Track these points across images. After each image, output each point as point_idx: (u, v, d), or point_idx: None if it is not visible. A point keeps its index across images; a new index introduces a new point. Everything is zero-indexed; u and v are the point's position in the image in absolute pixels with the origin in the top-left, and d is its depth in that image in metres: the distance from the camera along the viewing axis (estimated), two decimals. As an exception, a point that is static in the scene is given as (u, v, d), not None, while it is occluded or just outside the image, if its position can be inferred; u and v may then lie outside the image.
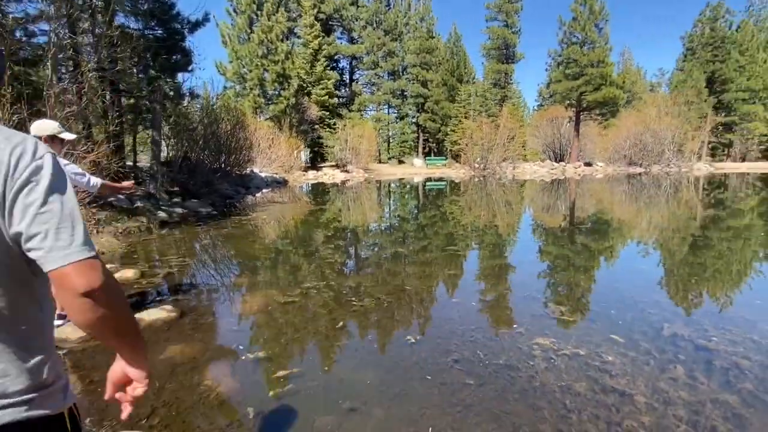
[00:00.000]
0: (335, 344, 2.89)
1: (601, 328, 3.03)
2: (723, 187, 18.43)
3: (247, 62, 26.50)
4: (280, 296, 3.82)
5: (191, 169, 11.94)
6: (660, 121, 32.05)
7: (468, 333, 2.97)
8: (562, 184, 21.10)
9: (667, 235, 7.39)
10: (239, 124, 14.48)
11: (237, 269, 4.88)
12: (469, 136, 30.59)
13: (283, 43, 27.26)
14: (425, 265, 5.07)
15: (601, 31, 31.86)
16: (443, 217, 9.94)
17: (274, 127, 25.18)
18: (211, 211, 10.18)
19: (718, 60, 37.52)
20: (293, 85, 27.93)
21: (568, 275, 4.65)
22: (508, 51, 40.61)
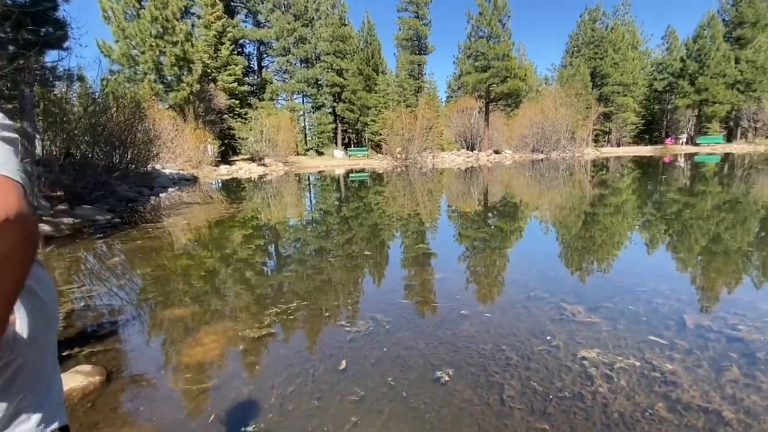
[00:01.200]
0: (368, 408, 2.19)
1: (632, 328, 2.77)
2: (607, 168, 20.92)
3: (138, 42, 22.95)
4: (246, 329, 2.96)
5: (78, 169, 9.77)
6: (556, 111, 35.36)
7: (500, 354, 2.49)
8: (480, 171, 22.09)
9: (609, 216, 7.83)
10: (138, 114, 12.29)
11: (170, 295, 3.81)
12: (390, 127, 30.57)
13: (181, 23, 24.14)
14: (400, 270, 4.51)
15: (504, 26, 33.92)
16: (386, 209, 9.46)
17: (177, 117, 22.30)
18: (111, 218, 8.39)
19: (598, 57, 42.57)
20: (196, 70, 25.00)
21: (554, 264, 4.46)
22: (420, 42, 41.38)
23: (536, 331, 2.77)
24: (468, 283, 3.89)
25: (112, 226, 7.62)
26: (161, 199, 12.44)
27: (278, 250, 5.73)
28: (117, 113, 11.26)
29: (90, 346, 2.76)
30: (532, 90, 47.03)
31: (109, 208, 9.39)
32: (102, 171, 10.39)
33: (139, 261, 5.09)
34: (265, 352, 2.64)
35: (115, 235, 6.77)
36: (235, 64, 32.61)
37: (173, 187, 16.38)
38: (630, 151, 40.58)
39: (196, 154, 23.31)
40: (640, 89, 45.86)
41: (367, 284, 4.03)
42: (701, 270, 4.10)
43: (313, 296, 3.71)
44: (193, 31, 26.70)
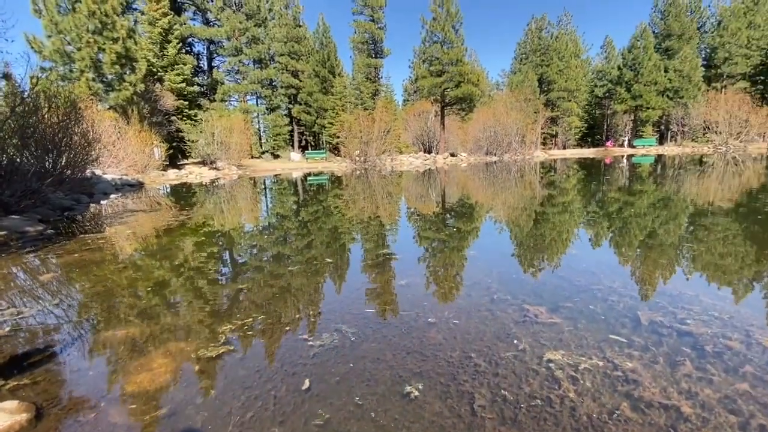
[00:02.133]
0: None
1: (592, 327, 2.85)
2: (555, 169, 22.08)
3: (73, 38, 21.25)
4: (200, 348, 2.73)
5: (4, 175, 8.82)
6: (507, 115, 36.82)
7: (468, 361, 2.46)
8: (437, 173, 22.49)
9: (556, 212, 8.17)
10: (73, 115, 11.34)
11: (113, 313, 3.47)
12: (348, 129, 30.43)
13: (122, 18, 22.65)
14: (363, 276, 4.41)
15: (457, 32, 34.88)
16: (347, 213, 9.34)
17: (119, 118, 20.86)
18: (43, 230, 7.62)
19: (545, 64, 44.87)
20: (140, 68, 23.56)
21: (512, 265, 4.55)
22: (376, 46, 41.62)
23: (502, 335, 2.77)
24: (432, 288, 3.87)
25: (45, 238, 6.92)
26: (102, 207, 11.53)
27: (233, 258, 5.44)
28: (49, 114, 10.31)
29: (16, 378, 2.43)
30: (485, 95, 48.72)
31: (41, 218, 8.55)
32: (32, 177, 9.46)
33: (77, 276, 4.63)
34: (221, 374, 2.45)
35: (49, 247, 6.15)
36: (183, 64, 31.14)
37: (116, 194, 15.28)
38: (575, 153, 43.06)
39: (141, 158, 21.94)
40: (583, 95, 48.88)
41: (329, 293, 3.90)
42: (649, 266, 4.34)
43: (272, 308, 3.52)
44: (136, 28, 25.14)
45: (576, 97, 46.32)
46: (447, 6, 34.53)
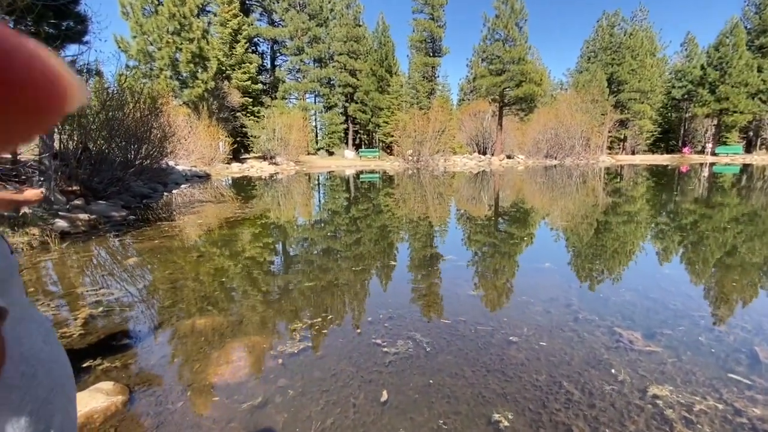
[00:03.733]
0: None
1: (700, 361, 2.51)
2: (623, 176, 20.49)
3: (155, 38, 23.05)
4: (274, 344, 2.75)
5: (94, 164, 9.69)
6: (571, 117, 34.89)
7: (557, 387, 2.25)
8: (492, 175, 21.78)
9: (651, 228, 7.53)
10: (154, 110, 12.22)
11: (192, 302, 3.62)
12: (402, 128, 30.36)
13: (198, 20, 24.19)
14: (433, 284, 4.28)
15: (521, 29, 33.55)
16: (400, 213, 9.25)
17: (191, 113, 22.32)
18: (126, 215, 8.28)
19: (615, 63, 41.96)
20: (212, 67, 25.05)
21: (594, 281, 4.20)
22: (435, 44, 41.16)
23: (593, 361, 2.52)
24: (505, 301, 3.65)
25: (128, 224, 7.50)
26: (174, 196, 12.36)
27: (299, 255, 5.54)
28: (134, 109, 11.18)
29: (109, 359, 2.58)
30: (547, 95, 46.52)
31: (123, 204, 9.30)
32: (118, 166, 10.32)
33: (157, 262, 4.93)
34: (298, 373, 2.43)
35: (131, 233, 6.64)
36: (250, 62, 32.67)
37: (186, 184, 16.34)
38: (646, 159, 39.93)
39: (208, 152, 23.33)
40: (658, 96, 45.14)
41: (396, 296, 3.81)
42: (762, 294, 3.81)
43: (341, 307, 3.51)
44: (209, 29, 26.78)
45: (649, 98, 42.83)
46: (512, 2, 33.32)
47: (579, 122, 34.14)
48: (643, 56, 40.90)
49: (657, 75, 44.47)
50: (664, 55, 50.42)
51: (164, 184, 14.21)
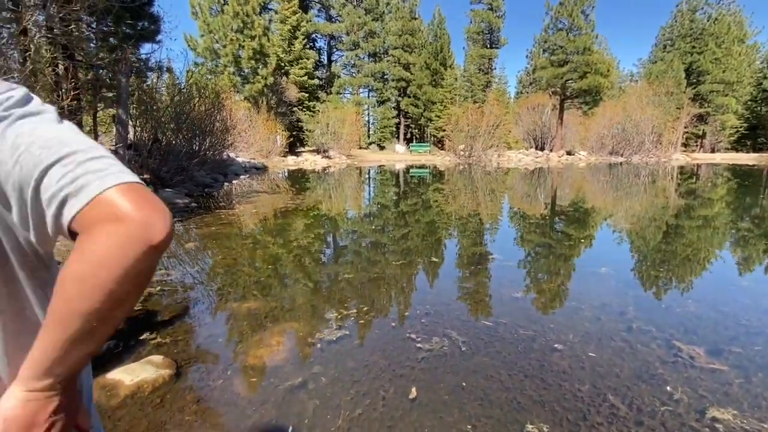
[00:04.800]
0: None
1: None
2: (699, 176, 18.56)
3: (220, 36, 24.44)
4: (311, 332, 2.82)
5: (163, 154, 10.50)
6: (641, 111, 32.26)
7: (601, 400, 2.09)
8: (549, 172, 20.71)
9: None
10: (217, 104, 12.96)
11: (239, 287, 3.82)
12: (455, 122, 29.78)
13: (260, 17, 25.27)
14: (474, 282, 4.17)
15: (587, 17, 31.46)
16: (453, 210, 9.07)
17: (250, 108, 23.45)
18: (189, 202, 8.90)
19: (696, 51, 38.08)
20: (271, 63, 26.11)
21: (652, 289, 3.87)
22: (493, 36, 39.81)
23: (645, 375, 2.32)
24: (550, 304, 3.46)
25: (189, 210, 8.05)
26: (233, 186, 13.09)
27: (344, 247, 5.63)
28: (199, 103, 11.93)
29: (161, 335, 2.78)
30: (614, 87, 43.31)
31: (187, 192, 10.00)
32: (183, 157, 11.10)
33: (213, 248, 5.25)
34: (331, 362, 2.47)
35: (192, 219, 7.12)
36: (307, 58, 33.60)
37: (244, 175, 17.24)
38: (728, 158, 36.03)
39: (266, 145, 24.41)
40: (746, 89, 40.39)
41: (434, 293, 3.75)
42: None
43: (378, 300, 3.52)
44: (270, 26, 27.89)
45: (735, 90, 38.36)
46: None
47: (650, 116, 31.46)
48: (729, 43, 36.67)
49: (746, 64, 39.72)
50: (756, 42, 44.85)
51: (224, 174, 15.09)
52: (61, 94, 7.46)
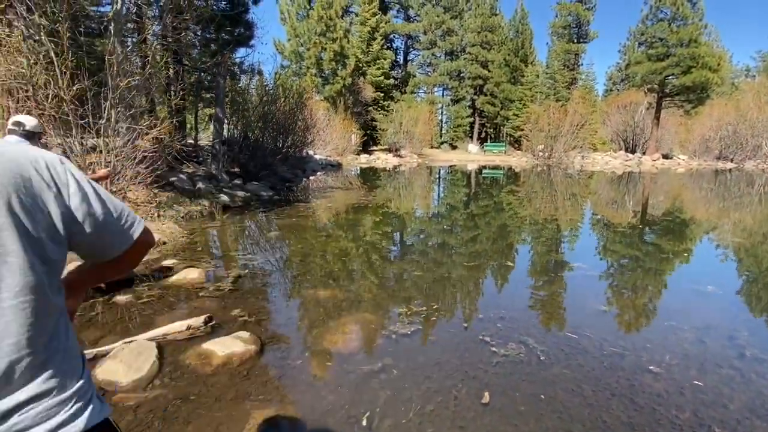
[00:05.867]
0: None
1: None
2: None
3: (305, 40, 25.83)
4: (384, 324, 2.87)
5: (252, 150, 11.37)
6: (759, 110, 27.93)
7: (704, 430, 1.86)
8: (641, 177, 18.76)
9: None
10: (301, 103, 13.71)
11: (316, 275, 4.01)
12: (534, 121, 28.26)
13: (341, 20, 26.25)
14: (555, 291, 3.94)
15: (694, 5, 27.93)
16: (532, 214, 8.64)
17: (329, 108, 24.46)
18: (272, 195, 9.54)
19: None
20: (350, 64, 26.98)
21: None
22: (581, 29, 37.09)
23: (761, 410, 2.01)
24: (647, 324, 3.15)
25: (272, 202, 8.64)
26: (311, 182, 13.78)
27: (414, 245, 5.65)
28: (284, 103, 12.70)
29: (248, 313, 3.02)
30: (725, 83, 37.97)
31: (271, 186, 10.72)
32: (269, 153, 11.92)
33: (293, 237, 5.58)
34: (403, 355, 2.49)
35: (275, 210, 7.63)
36: (384, 59, 34.16)
37: (321, 171, 18.04)
38: None
39: (341, 143, 25.29)
40: None
41: (513, 300, 3.61)
42: None
43: (453, 299, 3.48)
44: (350, 28, 28.84)
45: None
46: (685, -27, 27.82)
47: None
48: None
49: None
50: None
51: (303, 170, 15.93)
52: (170, 94, 8.44)
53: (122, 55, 5.67)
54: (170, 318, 2.88)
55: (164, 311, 3.03)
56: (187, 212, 6.61)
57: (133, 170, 5.79)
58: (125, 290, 3.36)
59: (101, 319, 2.88)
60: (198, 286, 3.53)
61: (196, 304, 3.15)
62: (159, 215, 6.17)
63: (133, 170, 5.79)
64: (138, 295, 3.29)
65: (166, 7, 7.36)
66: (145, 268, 3.94)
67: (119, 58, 5.62)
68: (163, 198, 6.92)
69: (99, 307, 3.04)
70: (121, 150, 5.59)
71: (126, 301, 3.16)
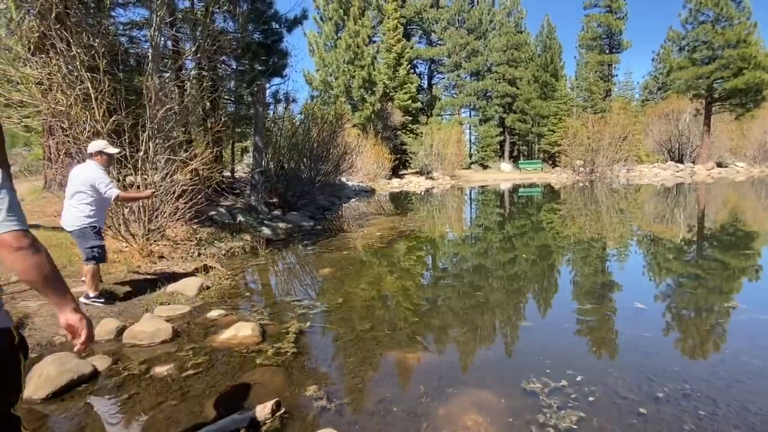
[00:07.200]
0: None
1: None
2: None
3: (333, 69, 26.03)
4: (528, 406, 2.01)
5: (288, 180, 10.92)
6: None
7: None
8: (697, 189, 17.11)
9: None
10: (339, 127, 13.32)
11: (395, 327, 3.21)
12: (572, 136, 26.99)
13: (368, 47, 26.40)
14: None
15: (739, 4, 26.43)
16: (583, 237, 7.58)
17: (360, 134, 24.24)
18: (313, 225, 8.93)
19: None
20: (378, 90, 26.89)
21: None
22: (612, 39, 35.99)
23: None
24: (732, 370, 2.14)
25: (315, 233, 8.00)
26: (348, 209, 13.19)
27: (503, 282, 4.78)
28: (321, 129, 12.29)
29: (325, 395, 2.23)
30: None
31: (310, 216, 10.16)
32: (306, 182, 11.43)
33: (347, 276, 4.82)
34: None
35: (319, 242, 6.95)
36: (411, 83, 34.08)
37: (354, 198, 17.52)
38: None
39: (373, 168, 24.87)
40: None
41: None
42: None
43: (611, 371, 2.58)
44: (376, 56, 28.98)
45: None
46: (724, -27, 26.49)
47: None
48: None
49: None
50: None
51: (338, 197, 15.42)
52: (207, 125, 8.11)
53: (160, 83, 5.28)
54: (223, 401, 2.14)
55: (215, 388, 2.29)
56: (229, 249, 6.02)
57: (172, 206, 5.28)
58: (165, 357, 2.67)
59: (135, 403, 2.17)
60: (253, 347, 2.79)
61: (255, 377, 2.40)
62: (199, 254, 5.60)
63: (172, 206, 5.28)
64: (181, 364, 2.58)
65: (203, 35, 7.07)
66: (186, 323, 3.27)
67: (156, 87, 5.22)
68: (203, 234, 6.39)
69: (133, 385, 2.34)
70: (159, 185, 5.10)
71: (166, 374, 2.46)
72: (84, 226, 3.47)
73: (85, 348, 1.17)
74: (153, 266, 4.85)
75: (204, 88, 7.40)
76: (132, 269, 4.63)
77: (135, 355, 2.75)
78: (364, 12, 26.83)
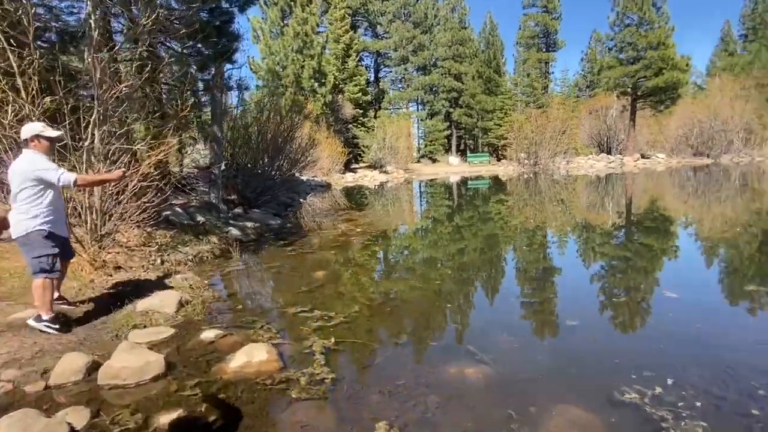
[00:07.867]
0: None
1: None
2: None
3: (281, 57, 24.70)
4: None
5: (248, 175, 10.03)
6: (729, 107, 29.00)
7: None
8: (626, 177, 18.59)
9: None
10: (297, 123, 12.51)
11: (437, 338, 2.82)
12: (517, 129, 28.12)
13: (317, 36, 25.42)
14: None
15: (659, 10, 29.00)
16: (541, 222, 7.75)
17: (312, 126, 23.32)
18: (282, 224, 8.25)
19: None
20: (329, 81, 26.05)
21: None
22: (549, 39, 38.01)
23: None
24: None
25: (286, 232, 7.36)
26: (309, 204, 12.51)
27: (434, 266, 4.56)
28: (280, 121, 11.46)
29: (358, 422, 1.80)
30: (688, 83, 39.67)
31: (274, 213, 9.41)
32: (267, 177, 10.59)
33: (346, 277, 4.34)
34: None
35: (296, 241, 6.35)
36: (360, 75, 33.53)
37: (311, 193, 16.78)
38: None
39: (327, 162, 24.08)
40: None
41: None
42: None
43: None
44: (326, 45, 28.03)
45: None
46: (646, -19, 28.96)
47: (741, 112, 28.15)
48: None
49: None
50: None
51: (297, 193, 14.63)
52: (168, 112, 7.12)
53: (109, 58, 4.38)
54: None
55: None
56: (197, 253, 5.24)
57: (127, 205, 4.42)
58: (165, 400, 2.07)
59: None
60: (278, 376, 2.26)
61: (298, 418, 1.90)
62: (163, 261, 4.79)
63: (127, 205, 4.42)
64: (190, 407, 2.00)
65: (142, 13, 6.07)
66: (176, 350, 2.64)
67: (103, 57, 4.32)
68: (163, 238, 5.52)
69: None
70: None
71: (176, 424, 1.87)
72: (28, 231, 2.68)
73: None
74: (109, 279, 4.02)
75: (156, 69, 6.44)
76: (84, 284, 3.79)
77: (121, 400, 2.11)
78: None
